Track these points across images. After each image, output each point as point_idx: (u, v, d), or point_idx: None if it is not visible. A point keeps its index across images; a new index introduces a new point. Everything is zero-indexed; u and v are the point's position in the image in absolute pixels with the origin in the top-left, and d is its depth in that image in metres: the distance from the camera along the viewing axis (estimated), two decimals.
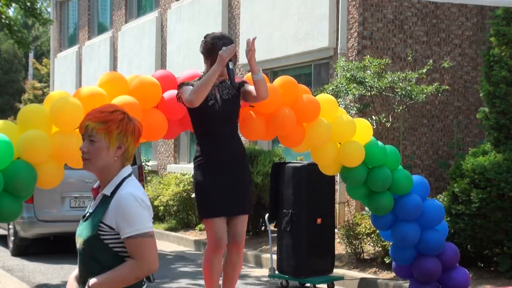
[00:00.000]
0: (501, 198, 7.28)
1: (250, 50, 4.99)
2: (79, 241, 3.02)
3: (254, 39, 5.04)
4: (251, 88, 5.10)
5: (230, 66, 4.96)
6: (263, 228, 10.98)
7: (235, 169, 5.07)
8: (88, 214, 3.06)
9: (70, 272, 9.07)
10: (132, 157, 3.12)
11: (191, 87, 4.98)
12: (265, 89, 5.03)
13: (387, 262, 8.04)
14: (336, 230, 8.67)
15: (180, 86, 5.05)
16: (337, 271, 8.21)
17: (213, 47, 5.07)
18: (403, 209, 5.95)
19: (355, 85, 9.46)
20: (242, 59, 13.25)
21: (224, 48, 4.89)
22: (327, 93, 8.86)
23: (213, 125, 5.02)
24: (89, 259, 2.96)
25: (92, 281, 2.91)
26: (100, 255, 2.95)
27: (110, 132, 2.98)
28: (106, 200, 2.99)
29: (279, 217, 8.05)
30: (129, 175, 3.05)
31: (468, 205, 7.41)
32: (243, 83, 5.22)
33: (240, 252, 5.16)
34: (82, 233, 3.01)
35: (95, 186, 3.13)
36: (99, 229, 2.95)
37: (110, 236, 2.95)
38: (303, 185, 7.83)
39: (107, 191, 3.00)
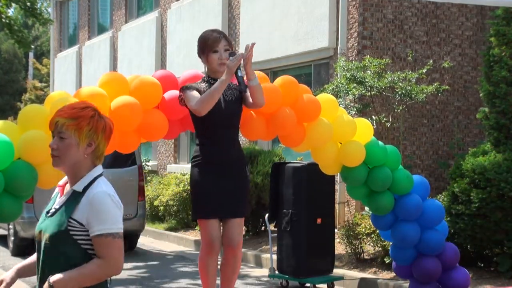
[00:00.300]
0: (501, 198, 7.29)
1: (248, 55, 4.94)
2: (43, 237, 2.95)
3: (253, 45, 5.00)
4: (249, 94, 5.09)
5: (239, 74, 4.91)
6: (263, 228, 10.98)
7: (233, 172, 5.03)
8: (53, 210, 3.00)
9: None
10: (103, 156, 3.07)
11: (195, 92, 4.91)
12: (261, 95, 4.97)
13: (387, 262, 8.04)
14: (336, 230, 8.67)
15: (183, 90, 4.98)
16: (337, 271, 8.22)
17: (204, 38, 5.09)
18: (403, 209, 5.95)
19: (355, 85, 9.46)
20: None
21: (231, 58, 4.84)
22: (327, 93, 8.87)
23: (215, 127, 4.97)
24: (56, 255, 2.91)
25: (54, 278, 2.87)
26: (68, 250, 2.90)
27: (80, 129, 2.94)
28: (76, 197, 2.94)
29: (279, 217, 8.05)
30: (100, 175, 3.02)
31: (468, 205, 7.41)
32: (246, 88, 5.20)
33: (237, 255, 5.08)
34: (47, 228, 2.95)
35: (61, 182, 3.09)
36: (68, 225, 2.90)
37: (80, 232, 2.91)
38: (303, 185, 7.83)
39: (78, 187, 2.96)
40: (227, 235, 5.06)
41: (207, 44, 5.05)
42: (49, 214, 3.00)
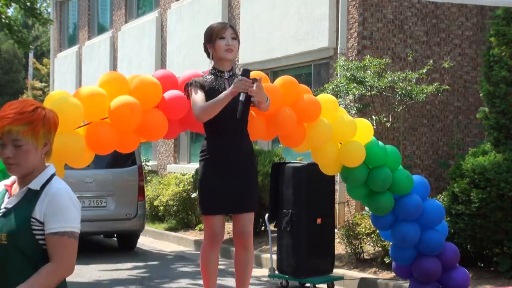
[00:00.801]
0: (501, 198, 7.29)
1: (257, 89, 4.83)
2: None
3: (260, 80, 4.90)
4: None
5: (241, 98, 4.82)
6: (263, 228, 10.99)
7: (241, 166, 5.01)
8: (4, 209, 2.91)
9: None
10: (51, 151, 3.02)
11: (199, 95, 4.89)
12: (267, 109, 5.05)
13: (387, 262, 8.04)
14: (336, 230, 8.67)
15: (189, 86, 4.98)
16: (337, 271, 8.22)
17: (211, 27, 5.10)
18: (403, 209, 5.95)
19: (355, 85, 9.46)
20: (242, 58, 13.27)
21: (240, 77, 4.81)
22: (327, 93, 8.86)
23: (224, 121, 4.92)
24: (14, 253, 2.85)
25: None
26: (28, 249, 2.85)
27: (37, 133, 2.87)
28: (33, 195, 2.89)
29: (279, 217, 8.05)
30: (54, 174, 2.99)
31: (468, 205, 7.41)
32: (254, 81, 5.16)
33: (249, 249, 5.03)
34: (2, 227, 2.86)
35: (8, 182, 3.01)
36: (31, 224, 2.85)
37: (40, 231, 2.87)
38: (303, 185, 7.83)
39: (35, 185, 2.90)
40: (236, 228, 5.04)
41: (214, 31, 5.05)
42: (1, 214, 2.91)
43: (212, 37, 5.07)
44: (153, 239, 12.67)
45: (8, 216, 2.89)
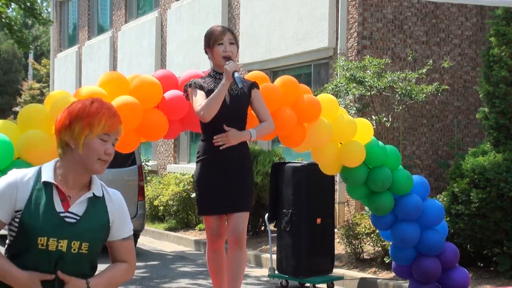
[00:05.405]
0: (500, 198, 7.29)
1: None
2: (73, 245, 2.72)
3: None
4: (258, 108, 5.08)
5: (236, 74, 4.87)
6: (263, 228, 10.99)
7: (235, 167, 5.01)
8: (76, 216, 2.75)
9: None
10: None
11: (199, 95, 4.90)
12: (266, 134, 5.14)
13: (387, 262, 8.04)
14: (336, 230, 8.68)
15: (188, 87, 4.98)
16: (336, 271, 8.22)
17: (210, 32, 5.09)
18: (403, 209, 5.96)
19: (355, 85, 9.47)
20: (242, 58, 13.27)
21: (227, 62, 4.87)
22: (327, 92, 8.87)
23: (219, 122, 4.92)
24: (87, 262, 2.78)
25: (93, 281, 2.77)
26: (96, 257, 2.83)
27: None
28: (97, 201, 2.82)
29: (279, 217, 8.05)
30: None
31: (468, 205, 7.41)
32: (254, 86, 5.12)
33: (242, 248, 5.03)
34: (82, 236, 2.73)
35: (48, 178, 2.83)
36: (108, 232, 2.84)
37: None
38: (303, 185, 7.83)
39: (98, 191, 2.86)
40: (229, 229, 5.04)
41: (213, 37, 5.04)
42: (71, 220, 2.74)
43: (210, 42, 5.07)
44: (153, 239, 12.67)
45: (85, 224, 2.77)
